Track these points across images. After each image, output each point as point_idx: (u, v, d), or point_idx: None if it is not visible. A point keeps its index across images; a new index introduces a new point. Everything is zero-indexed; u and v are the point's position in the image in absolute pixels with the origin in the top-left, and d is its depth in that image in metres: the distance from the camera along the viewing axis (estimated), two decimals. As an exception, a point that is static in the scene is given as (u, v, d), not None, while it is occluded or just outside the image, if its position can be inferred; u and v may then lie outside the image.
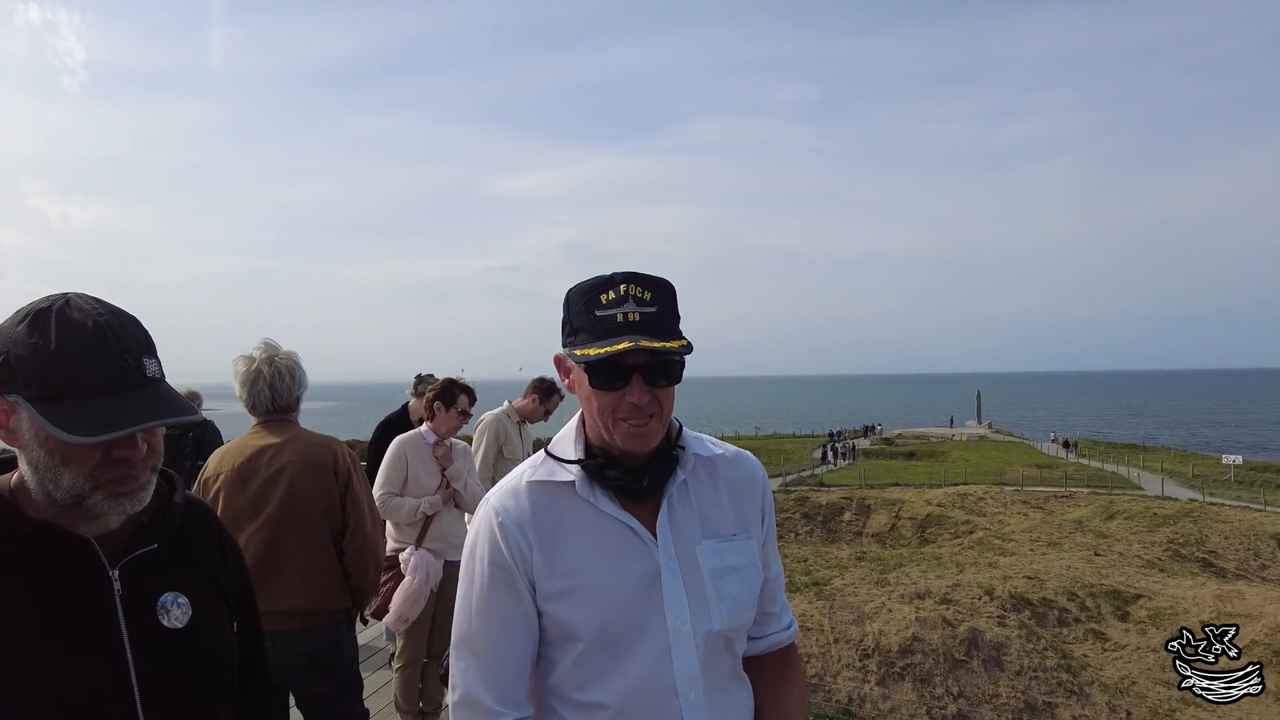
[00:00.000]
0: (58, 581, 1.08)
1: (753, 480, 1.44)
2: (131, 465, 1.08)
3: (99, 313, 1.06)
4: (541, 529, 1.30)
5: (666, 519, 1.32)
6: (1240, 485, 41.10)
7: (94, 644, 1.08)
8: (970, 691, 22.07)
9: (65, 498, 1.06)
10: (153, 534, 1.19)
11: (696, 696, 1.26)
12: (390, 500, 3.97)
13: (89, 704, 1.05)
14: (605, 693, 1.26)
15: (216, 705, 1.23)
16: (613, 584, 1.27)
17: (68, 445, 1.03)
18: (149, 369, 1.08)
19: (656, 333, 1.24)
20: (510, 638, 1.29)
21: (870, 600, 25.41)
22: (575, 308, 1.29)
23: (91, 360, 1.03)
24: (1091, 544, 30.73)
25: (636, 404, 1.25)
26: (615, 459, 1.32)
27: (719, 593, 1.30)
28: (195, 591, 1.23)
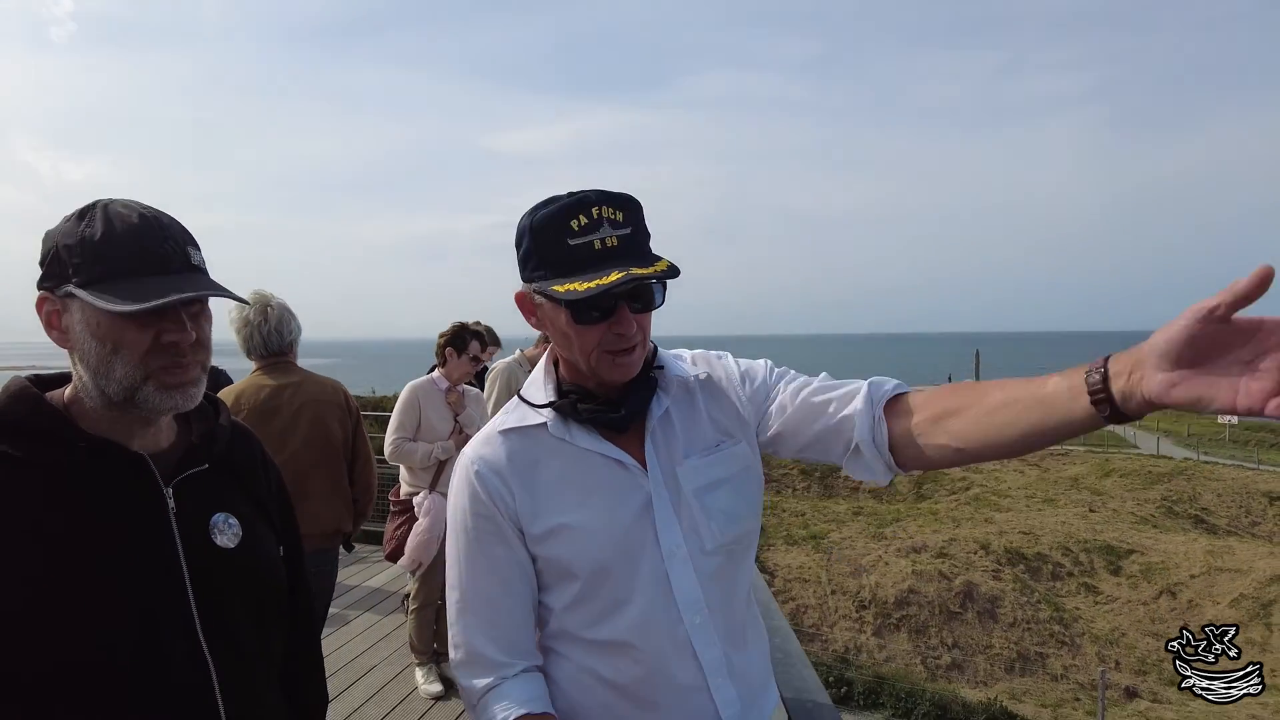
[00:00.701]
0: (115, 497, 1.09)
1: (724, 374, 1.36)
2: (181, 353, 1.09)
3: (141, 208, 1.10)
4: (520, 473, 1.25)
5: (651, 444, 1.27)
6: (1235, 444, 41.35)
7: (152, 559, 1.09)
8: (964, 642, 22.52)
9: (118, 392, 1.07)
10: (202, 454, 1.20)
11: (703, 620, 1.23)
12: (404, 445, 4.01)
13: (150, 619, 1.07)
14: (616, 628, 1.22)
15: (268, 624, 1.25)
16: (602, 517, 1.23)
17: (119, 331, 1.04)
18: (194, 257, 1.10)
19: (637, 257, 1.16)
20: (507, 586, 1.25)
21: (868, 553, 25.78)
22: (543, 238, 1.17)
23: (138, 242, 1.05)
24: (1086, 501, 31.06)
25: (624, 334, 1.19)
26: (590, 393, 1.27)
27: (706, 510, 1.25)
28: (244, 513, 1.24)
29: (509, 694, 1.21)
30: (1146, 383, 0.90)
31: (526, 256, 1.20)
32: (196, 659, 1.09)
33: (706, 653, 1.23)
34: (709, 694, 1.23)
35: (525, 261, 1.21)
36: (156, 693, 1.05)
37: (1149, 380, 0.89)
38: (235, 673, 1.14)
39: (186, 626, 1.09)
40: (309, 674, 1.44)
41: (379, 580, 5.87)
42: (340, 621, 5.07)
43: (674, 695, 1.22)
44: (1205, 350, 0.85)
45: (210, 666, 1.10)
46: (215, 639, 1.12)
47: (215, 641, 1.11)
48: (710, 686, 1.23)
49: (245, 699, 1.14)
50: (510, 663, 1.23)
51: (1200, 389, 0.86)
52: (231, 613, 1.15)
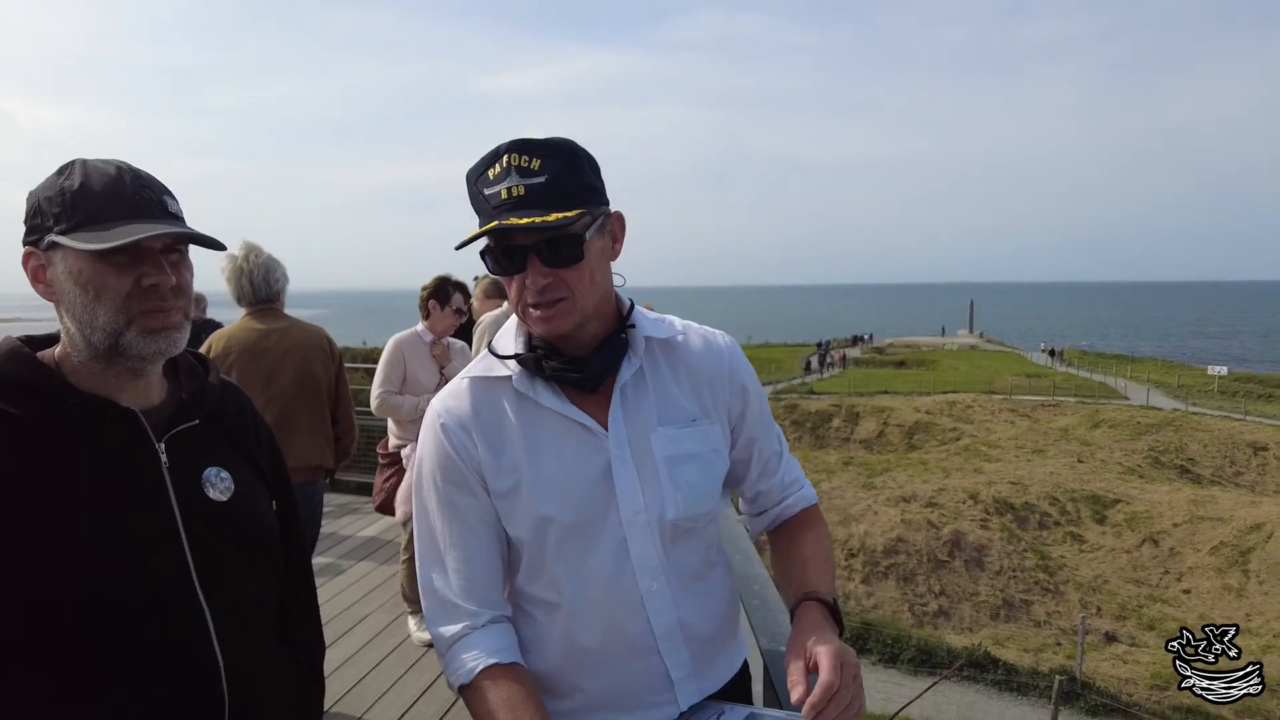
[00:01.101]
0: (108, 452, 1.12)
1: (719, 358, 1.33)
2: (162, 296, 1.12)
3: (121, 163, 1.15)
4: (484, 426, 1.24)
5: (619, 408, 1.25)
6: (1223, 395, 41.75)
7: (147, 512, 1.13)
8: (951, 590, 23.01)
9: (103, 339, 1.10)
10: (194, 410, 1.23)
11: (659, 587, 1.23)
12: (390, 398, 4.02)
13: (148, 569, 1.10)
14: (570, 588, 1.23)
15: (261, 574, 1.28)
16: (558, 479, 1.22)
17: (100, 277, 1.08)
18: (170, 205, 1.15)
19: (545, 205, 1.12)
20: (474, 537, 1.24)
21: (857, 503, 26.15)
22: (470, 188, 1.19)
23: (115, 189, 1.10)
24: (1075, 451, 31.45)
25: (533, 286, 1.16)
26: (558, 350, 1.25)
27: (674, 480, 1.24)
28: (235, 468, 1.27)
29: (478, 643, 1.21)
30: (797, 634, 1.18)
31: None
32: (192, 606, 1.13)
33: (659, 617, 1.24)
34: (660, 656, 1.25)
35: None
36: (156, 638, 1.09)
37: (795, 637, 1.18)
38: (230, 620, 1.17)
39: (182, 576, 1.12)
40: (305, 621, 1.48)
41: (373, 530, 5.96)
42: (335, 570, 5.17)
43: (626, 656, 1.25)
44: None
45: (206, 613, 1.13)
46: (210, 588, 1.15)
47: (210, 590, 1.15)
48: (661, 650, 1.25)
49: (240, 644, 1.18)
50: (479, 611, 1.23)
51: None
52: (225, 563, 1.18)
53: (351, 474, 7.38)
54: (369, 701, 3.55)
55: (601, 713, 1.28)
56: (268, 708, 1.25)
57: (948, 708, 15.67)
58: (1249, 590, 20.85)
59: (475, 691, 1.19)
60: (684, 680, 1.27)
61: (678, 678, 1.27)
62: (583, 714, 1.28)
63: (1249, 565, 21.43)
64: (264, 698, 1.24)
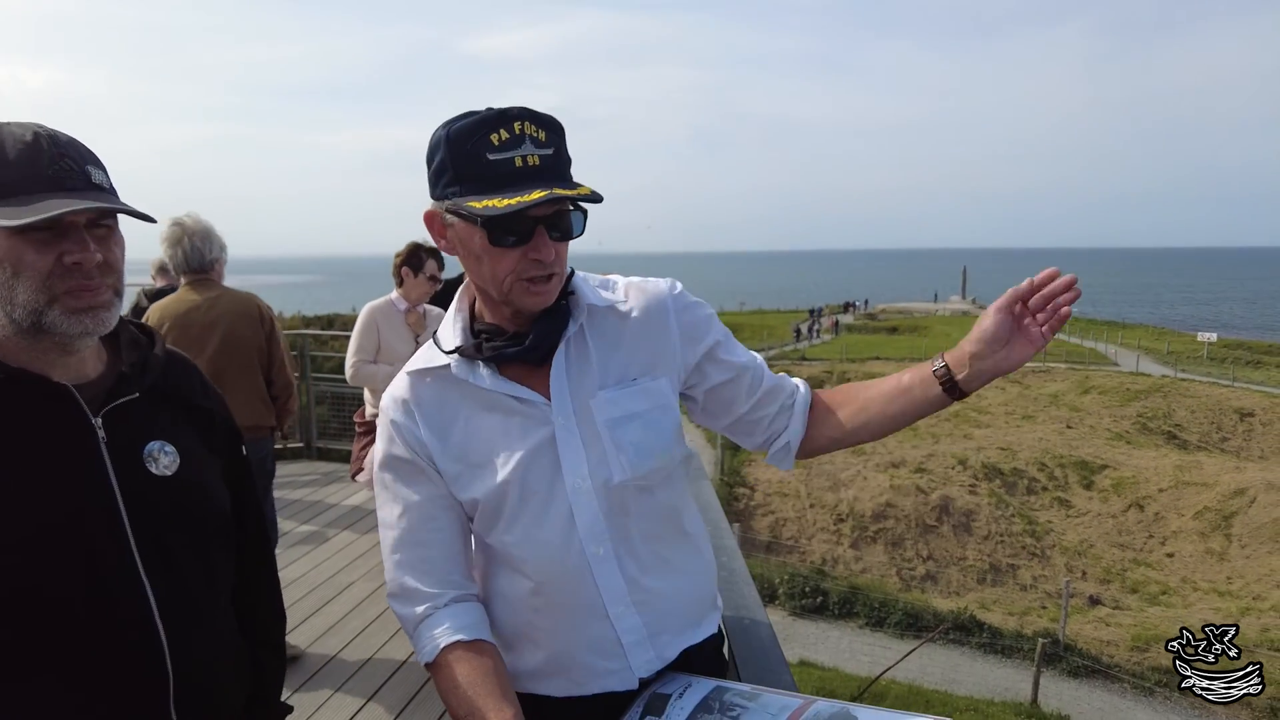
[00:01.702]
0: (41, 428, 1.08)
1: (662, 309, 1.30)
2: (87, 275, 1.06)
3: (40, 128, 1.07)
4: (429, 416, 1.25)
5: (563, 377, 1.24)
6: (1212, 362, 42.03)
7: (85, 491, 1.09)
8: (939, 554, 23.30)
9: (24, 316, 1.05)
10: (134, 383, 1.19)
11: (605, 552, 1.24)
12: (363, 368, 3.98)
13: (84, 552, 1.07)
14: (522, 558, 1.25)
15: (211, 551, 1.26)
16: (503, 456, 1.22)
17: (18, 252, 1.02)
18: (94, 176, 1.07)
19: (558, 179, 1.11)
20: (432, 523, 1.26)
21: (846, 468, 26.34)
22: (459, 150, 1.10)
23: (29, 160, 1.03)
24: (1064, 417, 31.70)
25: (541, 260, 1.14)
26: (501, 329, 1.24)
27: (617, 443, 1.23)
28: (182, 440, 1.24)
29: (442, 621, 1.23)
30: (977, 366, 1.25)
31: (440, 171, 1.14)
32: (134, 586, 1.10)
33: (606, 582, 1.25)
34: (609, 622, 1.26)
35: (438, 177, 1.15)
36: (94, 620, 1.06)
37: (977, 364, 1.25)
38: (176, 599, 1.14)
39: (123, 555, 1.09)
40: (263, 597, 1.46)
41: (357, 499, 5.96)
42: (320, 539, 5.16)
43: (575, 621, 1.26)
44: (1005, 330, 1.24)
45: (149, 592, 1.11)
46: (153, 566, 1.12)
47: (154, 569, 1.12)
48: (610, 614, 1.25)
49: (187, 624, 1.16)
50: (441, 593, 1.25)
51: (1010, 358, 1.24)
52: (170, 540, 1.15)
53: (339, 443, 7.37)
54: (351, 670, 3.56)
55: (557, 677, 1.29)
56: (219, 684, 1.23)
57: (933, 669, 15.94)
58: (1231, 554, 21.18)
59: (440, 669, 1.21)
60: (636, 645, 1.27)
61: (628, 642, 1.27)
62: (541, 676, 1.30)
63: (1231, 530, 21.76)
64: (215, 675, 1.22)
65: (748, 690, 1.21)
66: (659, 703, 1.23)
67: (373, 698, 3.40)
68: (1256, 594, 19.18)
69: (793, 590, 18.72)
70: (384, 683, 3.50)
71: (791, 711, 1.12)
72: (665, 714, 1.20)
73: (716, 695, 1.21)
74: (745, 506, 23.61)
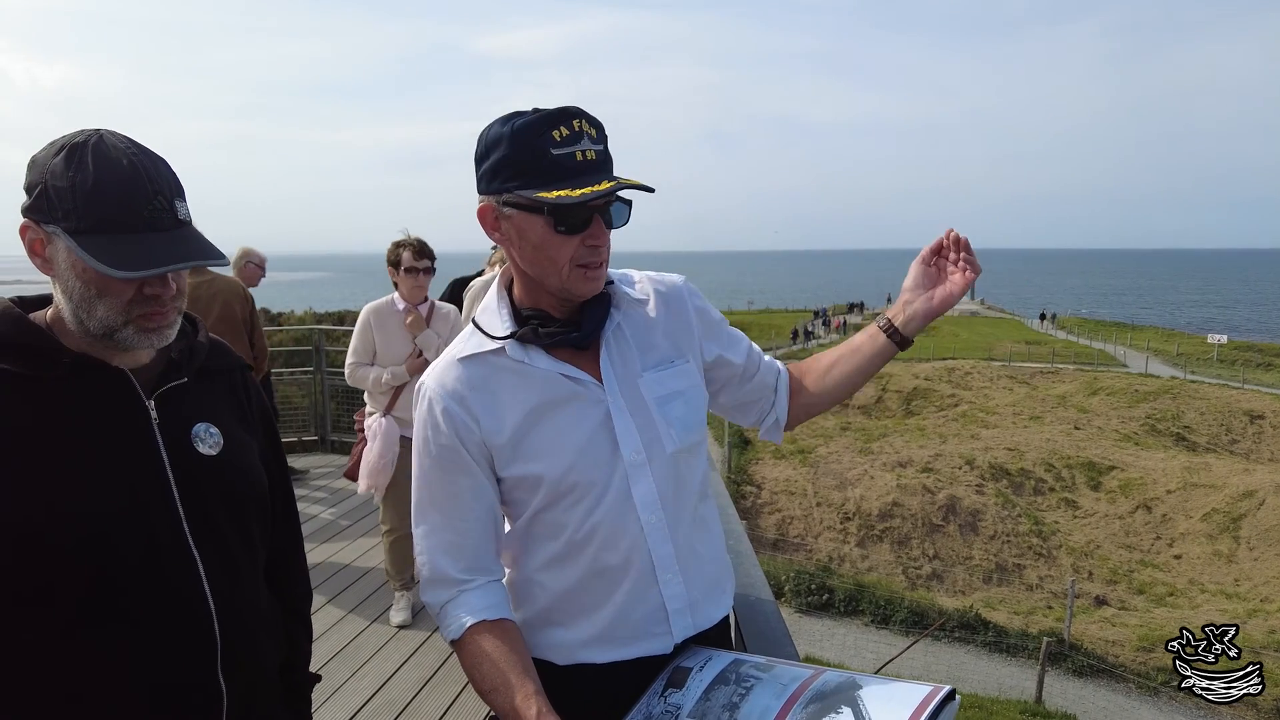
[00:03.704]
0: (100, 409, 1.16)
1: (680, 300, 1.45)
2: (161, 303, 1.14)
3: (132, 151, 1.10)
4: (481, 398, 1.30)
5: (608, 360, 1.34)
6: (1222, 364, 41.79)
7: (139, 466, 1.17)
8: (945, 553, 23.26)
9: (98, 329, 1.12)
10: (182, 368, 1.28)
11: (657, 520, 1.32)
12: (357, 370, 3.93)
13: (144, 525, 1.15)
14: (579, 529, 1.31)
15: (251, 528, 1.34)
16: (563, 432, 1.30)
17: (104, 278, 1.08)
18: (180, 211, 1.12)
19: (608, 172, 1.21)
20: (465, 509, 1.32)
21: (853, 467, 26.32)
22: (522, 145, 1.18)
23: (129, 198, 1.07)
24: (1072, 418, 31.55)
25: (598, 246, 1.23)
26: (549, 316, 1.32)
27: (666, 418, 1.34)
28: (224, 422, 1.32)
29: (467, 603, 1.30)
30: (909, 310, 1.46)
31: (499, 166, 1.21)
32: (184, 555, 1.18)
33: (658, 549, 1.34)
34: (659, 588, 1.35)
35: (497, 171, 1.21)
36: (150, 585, 1.15)
37: (910, 309, 1.47)
38: (221, 567, 1.23)
39: (174, 527, 1.18)
40: (292, 570, 1.54)
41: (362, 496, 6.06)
42: (335, 529, 5.29)
43: (627, 587, 1.34)
44: (929, 279, 1.48)
45: (198, 561, 1.19)
46: (201, 539, 1.20)
47: (201, 542, 1.20)
48: (660, 581, 1.35)
49: (231, 593, 1.24)
50: (469, 579, 1.31)
51: (938, 298, 1.45)
52: (216, 515, 1.23)
53: (351, 436, 7.48)
54: (353, 668, 3.63)
55: (605, 645, 1.36)
56: (259, 649, 1.32)
57: (938, 667, 15.96)
58: (1239, 556, 21.10)
59: (465, 646, 1.28)
60: (679, 613, 1.36)
61: (673, 609, 1.36)
62: (591, 645, 1.37)
63: (1239, 532, 21.67)
64: (255, 640, 1.30)
65: (763, 662, 1.28)
66: (680, 675, 1.30)
67: (390, 679, 3.49)
68: (1264, 596, 19.11)
69: (799, 587, 18.76)
70: (401, 665, 3.59)
71: (802, 681, 1.19)
72: (686, 686, 1.27)
73: (733, 668, 1.28)
74: (752, 504, 23.66)
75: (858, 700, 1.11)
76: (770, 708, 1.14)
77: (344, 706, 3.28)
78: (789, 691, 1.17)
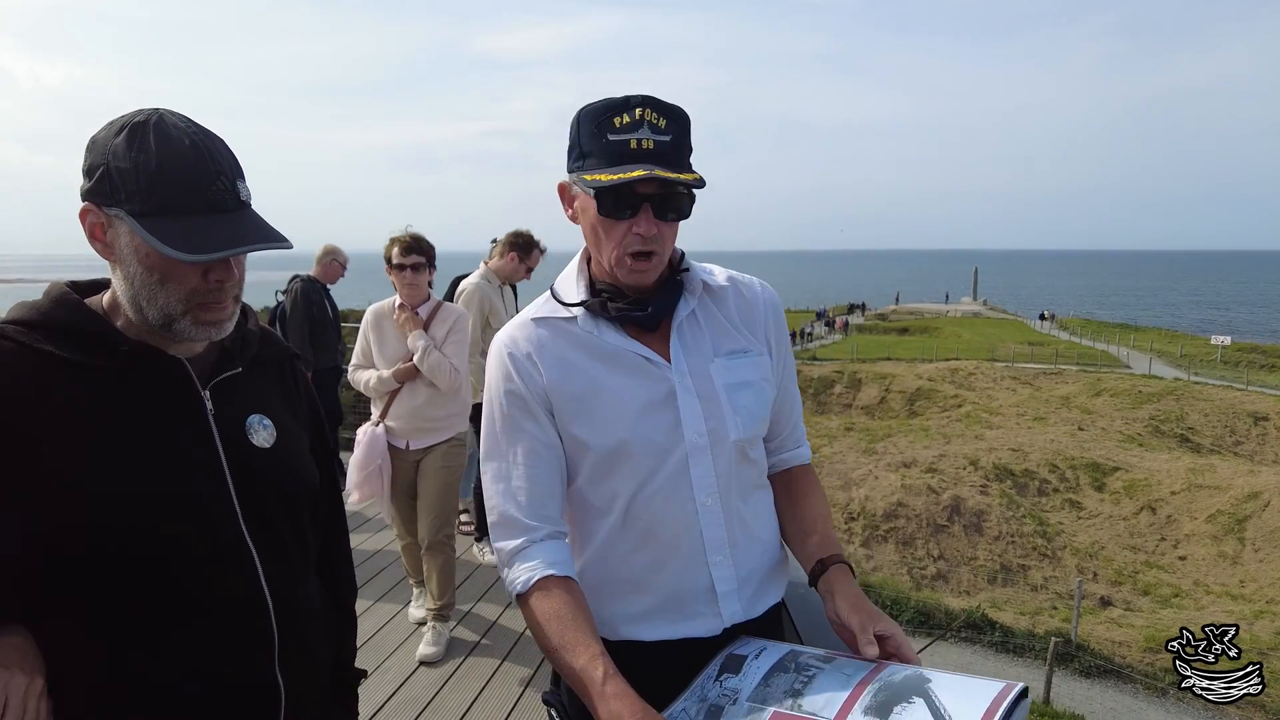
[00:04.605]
0: (158, 398, 1.14)
1: (761, 301, 1.46)
2: (223, 292, 1.11)
3: (193, 130, 1.07)
4: (548, 358, 1.34)
5: (678, 342, 1.36)
6: (1226, 365, 41.75)
7: (197, 460, 1.15)
8: (950, 554, 23.22)
9: (157, 318, 1.10)
10: (235, 358, 1.25)
11: (713, 503, 1.34)
12: (355, 373, 3.82)
13: (203, 518, 1.13)
14: (632, 503, 1.33)
15: (303, 522, 1.32)
16: (624, 402, 1.31)
17: (168, 263, 1.06)
18: (242, 192, 1.10)
19: (671, 163, 1.22)
20: (535, 457, 1.34)
21: (858, 468, 26.28)
22: (586, 129, 1.24)
23: (193, 179, 1.03)
24: (1076, 419, 31.52)
25: (643, 235, 1.24)
26: (620, 291, 1.34)
27: (734, 405, 1.35)
28: (276, 414, 1.29)
29: (536, 555, 1.31)
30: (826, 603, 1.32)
31: (572, 146, 1.28)
32: (241, 547, 1.16)
33: (710, 531, 1.34)
34: (708, 569, 1.35)
35: (570, 152, 1.28)
36: (210, 578, 1.13)
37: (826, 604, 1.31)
38: (276, 561, 1.21)
39: (231, 518, 1.15)
40: (338, 563, 1.52)
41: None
42: (359, 519, 5.25)
43: (678, 565, 1.35)
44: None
45: (254, 554, 1.17)
46: (257, 533, 1.18)
47: (257, 535, 1.18)
48: (710, 562, 1.35)
49: (286, 584, 1.22)
50: (538, 526, 1.32)
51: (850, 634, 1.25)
52: (269, 506, 1.21)
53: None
54: (374, 663, 3.62)
55: (653, 621, 1.37)
56: (312, 643, 1.29)
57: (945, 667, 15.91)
58: (1244, 558, 21.06)
59: (529, 600, 1.28)
60: (727, 595, 1.37)
61: (722, 591, 1.36)
62: (640, 621, 1.38)
63: (1245, 533, 21.62)
64: (309, 634, 1.28)
65: (821, 654, 1.25)
66: (735, 662, 1.29)
67: (411, 676, 3.48)
68: (1270, 598, 19.06)
69: (803, 588, 18.73)
70: (400, 685, 3.56)
71: (865, 674, 1.16)
72: (742, 673, 1.25)
73: (791, 657, 1.26)
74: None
75: (929, 693, 1.08)
76: (836, 696, 1.12)
77: (366, 703, 3.26)
78: (854, 681, 1.15)
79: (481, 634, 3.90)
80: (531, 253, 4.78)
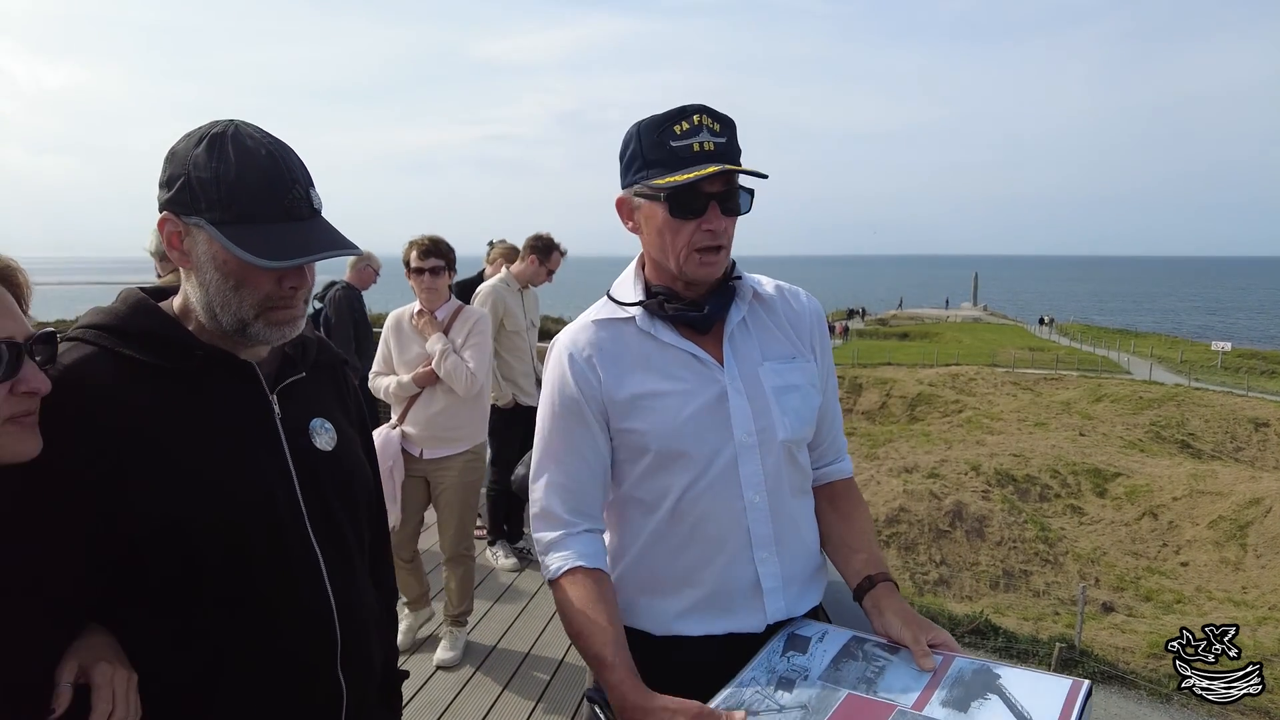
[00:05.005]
0: (229, 403, 1.17)
1: (808, 311, 1.52)
2: (296, 297, 1.15)
3: (268, 140, 1.09)
4: (606, 358, 1.40)
5: (729, 345, 1.42)
6: (1226, 371, 41.82)
7: (267, 463, 1.17)
8: (952, 559, 23.23)
9: (231, 323, 1.12)
10: (298, 363, 1.28)
11: (760, 501, 1.38)
12: (375, 379, 3.76)
13: (273, 519, 1.15)
14: (682, 499, 1.37)
15: (362, 524, 1.35)
16: (678, 400, 1.37)
17: (244, 269, 1.08)
18: (314, 200, 1.13)
19: (731, 162, 1.30)
20: (581, 458, 1.41)
21: (859, 473, 26.10)
22: (648, 140, 1.32)
23: (270, 188, 1.06)
24: (1077, 425, 31.55)
25: (714, 230, 1.31)
26: (676, 295, 1.41)
27: (782, 407, 1.40)
28: (334, 417, 1.32)
29: (570, 546, 1.39)
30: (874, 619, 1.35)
31: (631, 160, 1.35)
32: (308, 551, 1.18)
33: (757, 528, 1.39)
34: (754, 565, 1.39)
35: (629, 165, 1.36)
36: (279, 583, 1.15)
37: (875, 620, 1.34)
38: (339, 564, 1.23)
39: (298, 522, 1.18)
40: (383, 567, 1.54)
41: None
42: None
43: (724, 561, 1.39)
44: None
45: (319, 557, 1.19)
46: (321, 535, 1.20)
47: (322, 537, 1.20)
48: (756, 559, 1.39)
49: (347, 590, 1.24)
50: (576, 522, 1.41)
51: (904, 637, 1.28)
52: (334, 511, 1.24)
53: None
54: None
55: (699, 616, 1.41)
56: (371, 647, 1.31)
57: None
58: (1246, 564, 21.07)
59: (562, 587, 1.37)
60: (773, 592, 1.41)
61: (768, 588, 1.41)
62: (686, 616, 1.42)
63: (1246, 539, 21.63)
64: (368, 638, 1.30)
65: (885, 644, 1.29)
66: (800, 643, 1.32)
67: (430, 679, 3.48)
68: (1273, 604, 19.06)
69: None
70: (409, 700, 3.58)
71: (939, 664, 1.20)
72: (809, 653, 1.28)
73: (856, 644, 1.29)
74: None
75: (1003, 689, 1.11)
76: (911, 687, 1.16)
77: (387, 707, 3.27)
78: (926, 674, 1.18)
79: (498, 638, 3.91)
80: (551, 255, 4.79)
